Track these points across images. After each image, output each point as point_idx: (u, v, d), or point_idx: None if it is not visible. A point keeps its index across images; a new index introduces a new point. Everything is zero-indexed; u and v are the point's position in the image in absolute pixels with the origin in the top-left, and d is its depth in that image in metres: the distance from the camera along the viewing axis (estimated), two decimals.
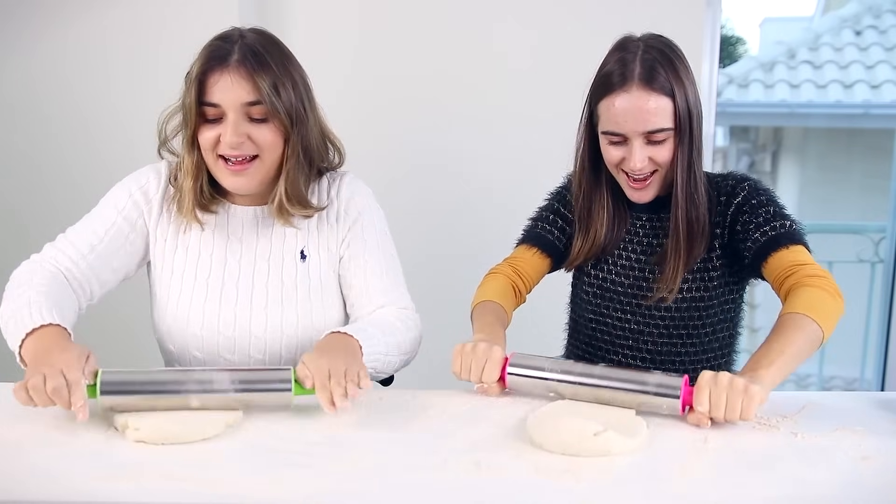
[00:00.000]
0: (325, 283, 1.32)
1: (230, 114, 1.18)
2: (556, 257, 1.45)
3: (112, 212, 1.28)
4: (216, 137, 1.20)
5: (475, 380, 1.17)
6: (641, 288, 1.36)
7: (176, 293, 1.29)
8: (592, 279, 1.41)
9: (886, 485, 0.90)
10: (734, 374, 1.04)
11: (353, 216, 1.32)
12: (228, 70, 1.18)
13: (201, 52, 1.21)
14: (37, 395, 0.98)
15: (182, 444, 0.99)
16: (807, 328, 1.10)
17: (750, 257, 1.26)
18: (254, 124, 1.20)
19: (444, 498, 0.88)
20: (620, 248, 1.39)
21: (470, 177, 2.29)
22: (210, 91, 1.18)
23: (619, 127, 1.24)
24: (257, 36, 1.23)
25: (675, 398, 1.06)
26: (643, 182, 1.28)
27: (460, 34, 2.24)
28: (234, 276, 1.29)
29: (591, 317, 1.42)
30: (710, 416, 1.03)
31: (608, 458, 0.96)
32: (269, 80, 1.18)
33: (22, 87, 2.25)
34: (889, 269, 2.70)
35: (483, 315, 1.33)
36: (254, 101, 1.18)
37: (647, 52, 1.24)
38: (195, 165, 1.24)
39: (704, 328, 1.35)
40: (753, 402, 1.00)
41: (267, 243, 1.31)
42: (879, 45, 5.95)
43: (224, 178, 1.23)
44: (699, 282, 1.33)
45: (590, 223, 1.38)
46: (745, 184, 1.31)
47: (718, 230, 1.31)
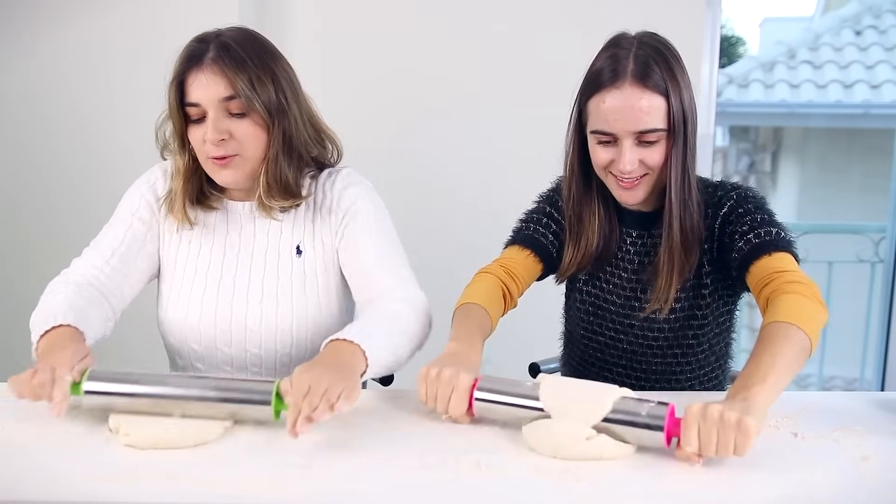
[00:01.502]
0: (321, 279, 1.32)
1: (210, 111, 1.20)
2: (548, 263, 1.37)
3: (127, 215, 1.33)
4: (203, 136, 1.22)
5: (441, 410, 1.06)
6: (633, 308, 1.31)
7: (178, 286, 1.32)
8: (584, 296, 1.37)
9: (886, 485, 0.90)
10: (726, 403, 0.94)
11: (345, 207, 1.31)
12: (204, 68, 1.20)
13: (179, 54, 1.23)
14: (22, 386, 1.01)
15: None
16: (793, 337, 1.01)
17: (735, 268, 1.20)
18: (234, 119, 1.22)
19: (444, 498, 0.88)
20: (612, 265, 1.33)
21: (469, 177, 2.29)
22: (189, 91, 1.21)
23: (609, 126, 1.17)
24: (234, 33, 1.25)
25: (659, 429, 0.95)
26: (632, 182, 1.21)
27: (458, 34, 2.24)
28: (231, 270, 1.31)
29: (583, 333, 1.39)
30: (700, 454, 0.93)
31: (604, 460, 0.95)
32: (245, 75, 1.20)
33: (21, 87, 2.25)
34: (889, 269, 2.70)
35: (463, 319, 1.24)
36: (230, 96, 1.20)
37: (641, 49, 1.18)
38: (186, 166, 1.27)
39: (700, 346, 1.31)
40: (749, 438, 0.89)
41: (263, 238, 1.32)
42: (879, 45, 5.95)
43: (214, 174, 1.26)
44: (692, 300, 1.28)
45: (581, 231, 1.32)
46: (732, 193, 1.24)
47: (707, 245, 1.25)
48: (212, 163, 1.23)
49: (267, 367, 1.31)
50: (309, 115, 1.31)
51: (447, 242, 2.28)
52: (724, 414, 0.90)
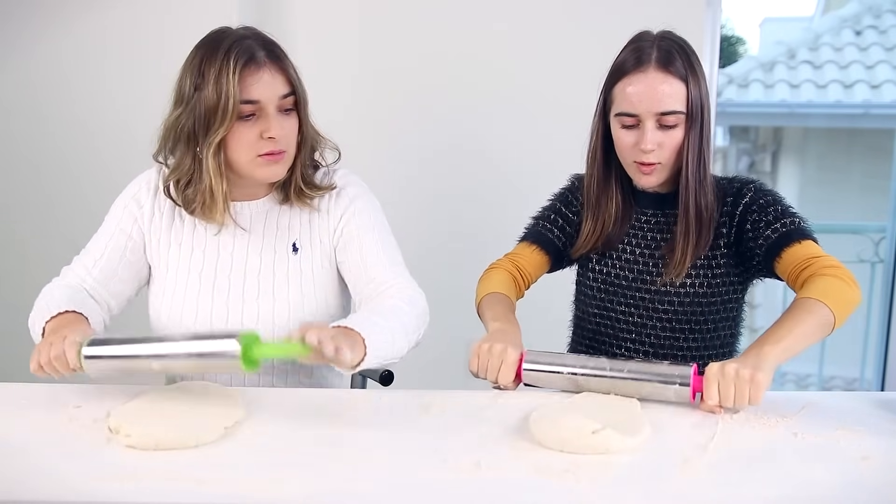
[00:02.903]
0: (318, 276, 1.32)
1: (269, 108, 1.22)
2: (554, 256, 1.47)
3: (111, 226, 1.35)
4: (257, 134, 1.22)
5: (492, 380, 1.21)
6: (645, 281, 1.37)
7: (171, 288, 1.32)
8: (597, 274, 1.43)
9: (886, 485, 0.90)
10: (740, 360, 1.08)
11: (343, 205, 1.33)
12: (264, 66, 1.21)
13: (218, 52, 1.19)
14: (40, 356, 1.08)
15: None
16: (818, 312, 1.13)
17: (762, 254, 1.28)
18: (284, 115, 1.25)
19: (444, 498, 0.88)
20: (625, 242, 1.40)
21: (472, 174, 2.29)
22: (248, 89, 1.20)
23: (633, 107, 1.26)
24: (258, 31, 1.27)
25: (686, 386, 1.10)
26: (650, 166, 1.29)
27: (460, 33, 2.24)
28: (226, 269, 1.31)
29: (595, 311, 1.44)
30: (721, 405, 1.08)
31: (608, 457, 0.96)
32: (294, 72, 1.25)
33: (20, 87, 2.25)
34: (889, 269, 2.70)
35: (494, 305, 1.35)
36: (288, 93, 1.24)
37: (663, 41, 1.28)
38: (219, 167, 1.24)
39: (707, 324, 1.37)
40: (760, 389, 1.05)
41: (259, 236, 1.32)
42: (879, 45, 5.95)
43: (262, 170, 1.26)
44: (703, 277, 1.34)
45: (599, 213, 1.40)
46: (750, 185, 1.33)
47: (724, 229, 1.33)
48: (263, 160, 1.24)
49: (264, 365, 1.31)
50: None
51: (448, 243, 2.28)
52: (739, 371, 1.06)
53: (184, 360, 1.06)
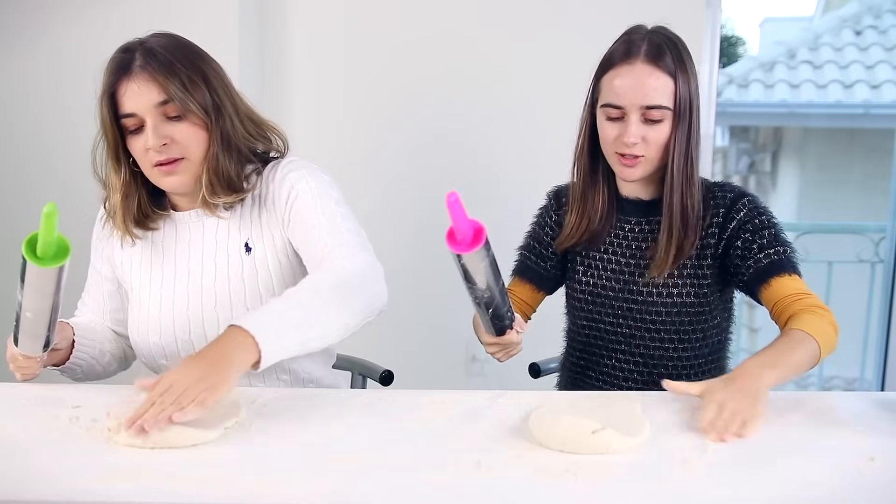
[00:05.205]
0: (275, 273, 1.30)
1: (147, 118, 1.20)
2: (548, 287, 1.49)
3: (92, 267, 1.42)
4: (144, 145, 1.21)
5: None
6: (632, 291, 1.35)
7: (136, 307, 1.34)
8: (583, 286, 1.41)
9: (887, 485, 0.90)
10: (734, 383, 1.04)
11: (286, 193, 1.28)
12: (133, 77, 1.20)
13: (105, 68, 1.22)
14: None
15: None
16: (810, 345, 1.14)
17: (748, 276, 1.27)
18: (172, 123, 1.21)
19: (444, 498, 0.88)
20: (610, 252, 1.38)
21: (469, 176, 2.29)
22: (122, 103, 1.20)
23: (619, 99, 1.24)
24: (158, 39, 1.25)
25: None
26: (634, 159, 1.27)
27: (457, 34, 2.25)
28: (183, 281, 1.31)
29: (584, 322, 1.42)
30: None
31: (608, 457, 0.96)
32: (176, 78, 1.20)
33: (20, 87, 2.25)
34: (889, 269, 2.70)
35: None
36: (164, 101, 1.20)
37: (654, 35, 1.27)
38: (124, 182, 1.27)
39: (695, 333, 1.35)
40: (751, 432, 1.00)
41: (212, 242, 1.31)
42: (879, 45, 5.95)
43: (161, 181, 1.25)
44: (690, 287, 1.32)
45: (584, 207, 1.38)
46: (744, 199, 1.30)
47: (713, 240, 1.31)
48: (157, 170, 1.23)
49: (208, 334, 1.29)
50: (246, 111, 1.31)
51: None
52: (735, 415, 1.01)
53: (30, 298, 1.07)
